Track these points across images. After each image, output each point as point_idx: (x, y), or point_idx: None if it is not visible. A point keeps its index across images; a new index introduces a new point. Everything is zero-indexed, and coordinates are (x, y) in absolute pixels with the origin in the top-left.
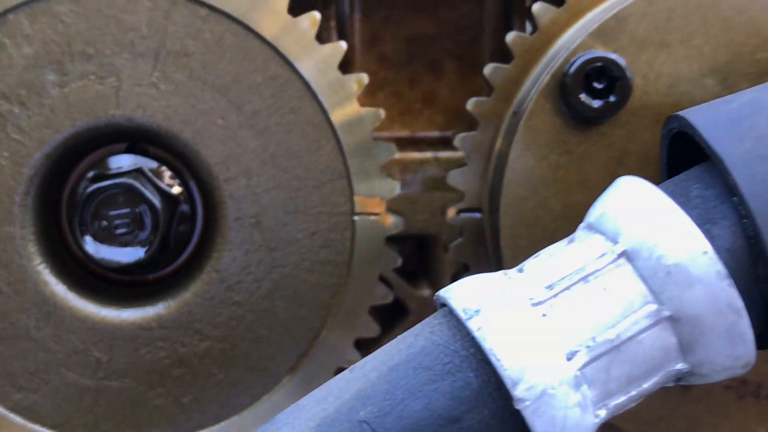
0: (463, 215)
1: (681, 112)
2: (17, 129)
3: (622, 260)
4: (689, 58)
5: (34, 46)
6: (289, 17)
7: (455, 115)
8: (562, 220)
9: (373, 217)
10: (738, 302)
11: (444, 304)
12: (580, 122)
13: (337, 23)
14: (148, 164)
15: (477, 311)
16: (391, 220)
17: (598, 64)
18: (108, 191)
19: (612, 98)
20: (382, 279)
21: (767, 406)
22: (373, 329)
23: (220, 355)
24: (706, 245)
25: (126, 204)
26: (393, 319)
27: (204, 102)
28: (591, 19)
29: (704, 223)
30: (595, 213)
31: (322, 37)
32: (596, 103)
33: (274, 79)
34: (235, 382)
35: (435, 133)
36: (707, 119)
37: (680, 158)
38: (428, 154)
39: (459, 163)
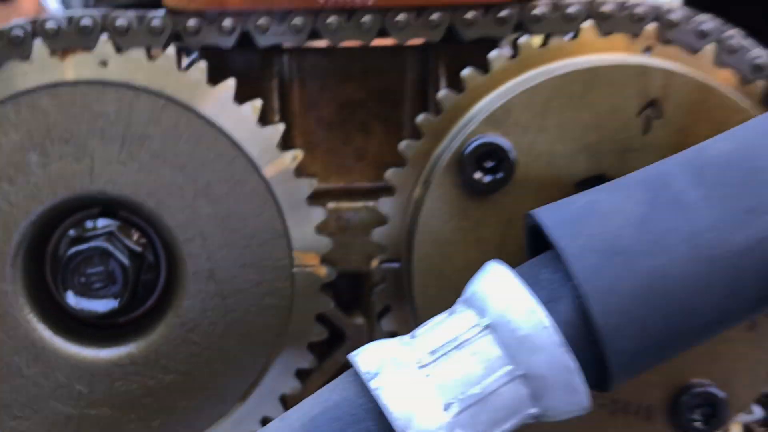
0: (385, 265)
1: (534, 211)
2: (7, 202)
3: (486, 331)
4: (563, 140)
5: (20, 133)
6: (234, 105)
7: (383, 169)
8: (464, 271)
9: (309, 269)
10: (572, 364)
11: (353, 365)
12: (475, 193)
13: (279, 90)
14: (118, 226)
15: (376, 373)
16: (324, 271)
17: (488, 147)
18: (84, 254)
19: (499, 175)
20: (319, 316)
21: (633, 419)
22: (310, 361)
23: (182, 386)
24: (546, 321)
25: (100, 263)
26: (332, 344)
27: (164, 177)
28: (484, 105)
29: (548, 301)
30: (468, 291)
31: (266, 105)
32: (487, 179)
33: (223, 156)
34: (196, 409)
35: (366, 185)
36: (552, 218)
37: (539, 241)
38: (360, 204)
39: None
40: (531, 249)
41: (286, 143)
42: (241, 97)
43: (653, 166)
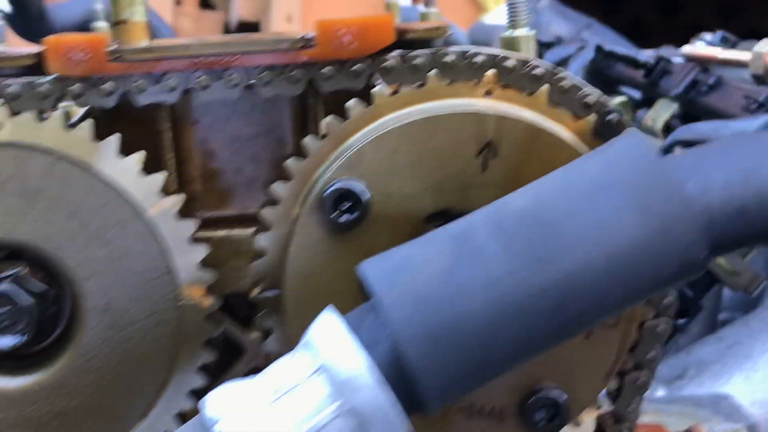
0: (264, 293)
1: (360, 265)
2: None
3: (318, 372)
4: (412, 180)
5: None
6: (119, 157)
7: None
8: (332, 300)
9: (194, 301)
10: (389, 400)
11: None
12: (336, 231)
13: (173, 128)
14: (23, 268)
15: (218, 419)
16: (208, 302)
17: (344, 191)
18: None
19: (355, 214)
20: (208, 341)
21: (490, 421)
22: (203, 381)
23: (87, 409)
24: (366, 362)
25: (7, 303)
26: (231, 357)
27: (59, 224)
28: (342, 151)
29: (369, 345)
30: (308, 334)
31: (159, 143)
32: (344, 219)
33: (111, 203)
34: (101, 428)
35: (255, 210)
36: (373, 272)
37: None
38: (250, 230)
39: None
40: (363, 295)
41: (181, 178)
42: (137, 137)
43: (462, 220)
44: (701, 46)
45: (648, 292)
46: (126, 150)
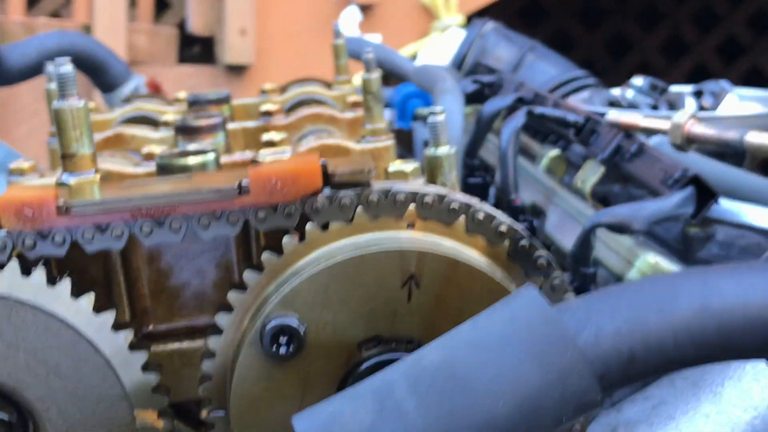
0: (213, 414)
1: (293, 417)
2: None
3: None
4: (344, 311)
5: None
6: (72, 299)
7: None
8: (274, 423)
9: (149, 423)
10: None
11: None
12: (276, 360)
13: (121, 251)
14: None
15: None
16: (162, 424)
17: (281, 327)
18: None
19: (293, 346)
20: None
21: None
22: None
23: None
24: None
25: None
26: None
27: (20, 361)
28: (279, 283)
29: None
30: None
31: (109, 263)
32: (283, 350)
33: (66, 341)
34: None
35: (204, 322)
36: (305, 424)
37: None
38: (200, 341)
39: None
40: None
41: (131, 293)
42: (87, 261)
43: (384, 373)
44: (625, 114)
45: (553, 429)
46: (77, 274)
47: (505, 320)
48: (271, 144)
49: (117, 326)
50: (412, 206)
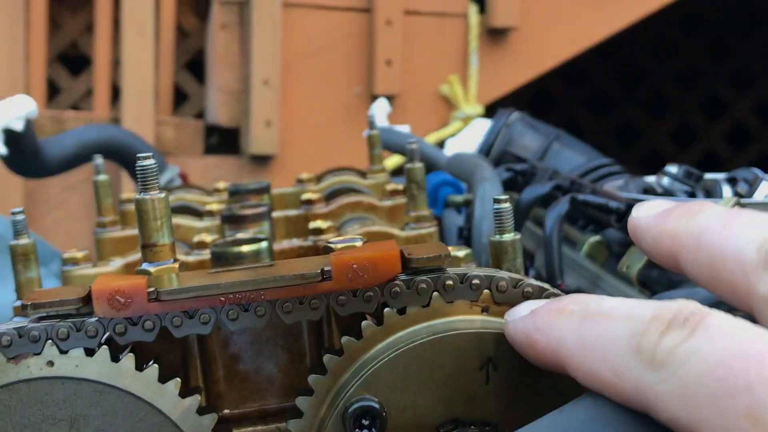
0: None
1: None
2: None
3: None
4: (423, 394)
5: None
6: (159, 384)
7: (291, 391)
8: None
9: None
10: None
11: None
12: None
13: (199, 337)
14: None
15: None
16: None
17: (363, 409)
18: None
19: (374, 429)
20: None
21: None
22: None
23: None
24: None
25: None
26: None
27: None
28: (359, 367)
29: None
30: None
31: (187, 350)
32: None
33: (153, 425)
34: None
35: (277, 406)
36: None
37: None
38: (273, 425)
39: None
40: None
41: (207, 377)
42: (165, 349)
43: None
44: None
45: None
46: (157, 359)
47: (588, 405)
48: (319, 231)
49: (201, 411)
50: (486, 291)
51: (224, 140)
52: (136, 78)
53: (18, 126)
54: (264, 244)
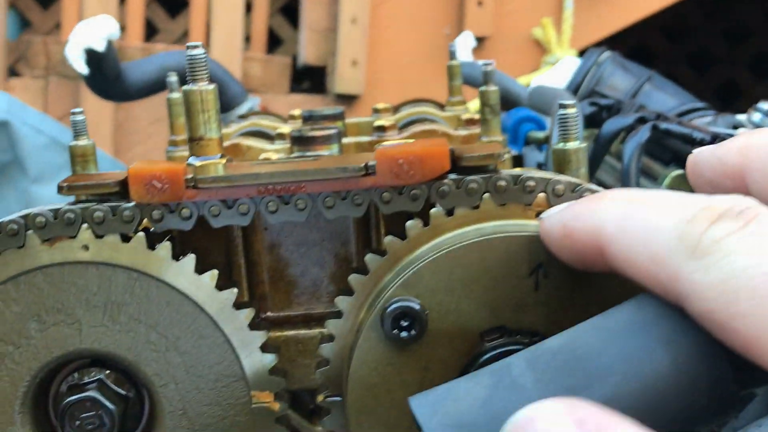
0: (329, 399)
1: (411, 398)
2: (13, 362)
3: None
4: (468, 299)
5: (20, 305)
6: (195, 275)
7: (335, 296)
8: (392, 409)
9: (265, 405)
10: None
11: None
12: (396, 345)
13: (243, 233)
14: (105, 374)
15: None
16: (278, 406)
17: (403, 309)
18: (78, 401)
19: (414, 331)
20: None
21: None
22: None
23: None
24: None
25: (93, 408)
26: None
27: (140, 335)
28: (402, 267)
29: None
30: None
31: (231, 245)
32: (404, 335)
33: (188, 316)
34: None
35: (321, 311)
36: (419, 401)
37: None
38: (316, 330)
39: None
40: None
41: (251, 278)
42: (209, 242)
43: (503, 360)
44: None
45: (678, 427)
46: (199, 254)
47: (631, 309)
48: (382, 128)
49: (238, 305)
50: (541, 195)
51: (315, 86)
52: (226, 13)
53: (100, 46)
54: None
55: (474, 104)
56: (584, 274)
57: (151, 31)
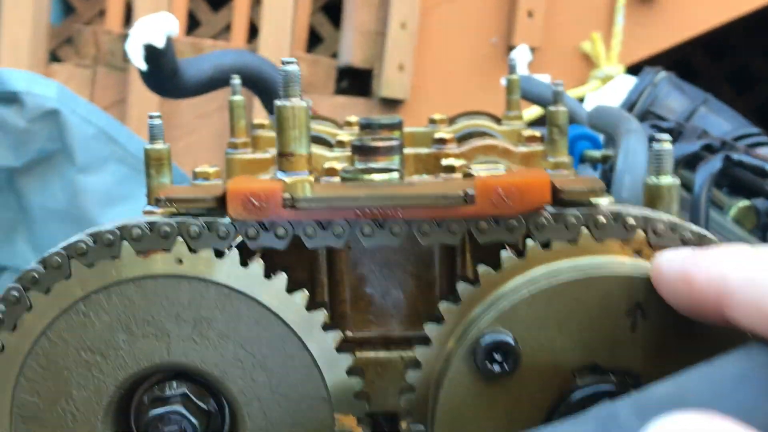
0: (412, 426)
1: None
2: (99, 371)
3: None
4: (562, 335)
5: (110, 315)
6: (286, 294)
7: (416, 320)
8: None
9: (348, 429)
10: None
11: None
12: (487, 379)
13: (327, 252)
14: (189, 387)
15: None
16: (360, 431)
17: (498, 343)
18: (162, 415)
19: (506, 365)
20: None
21: None
22: None
23: None
24: None
25: (176, 422)
26: None
27: (228, 351)
28: (494, 299)
29: None
30: None
31: (315, 265)
32: (497, 369)
33: (277, 334)
34: None
35: (401, 334)
36: None
37: None
38: (396, 353)
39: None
40: None
41: (333, 297)
42: (293, 261)
43: (606, 406)
44: None
45: None
46: (284, 271)
47: (742, 359)
48: (451, 169)
49: (326, 327)
50: (641, 233)
51: (354, 84)
52: (275, 11)
53: (160, 43)
54: (395, 175)
55: (528, 114)
56: (685, 319)
57: (191, 24)
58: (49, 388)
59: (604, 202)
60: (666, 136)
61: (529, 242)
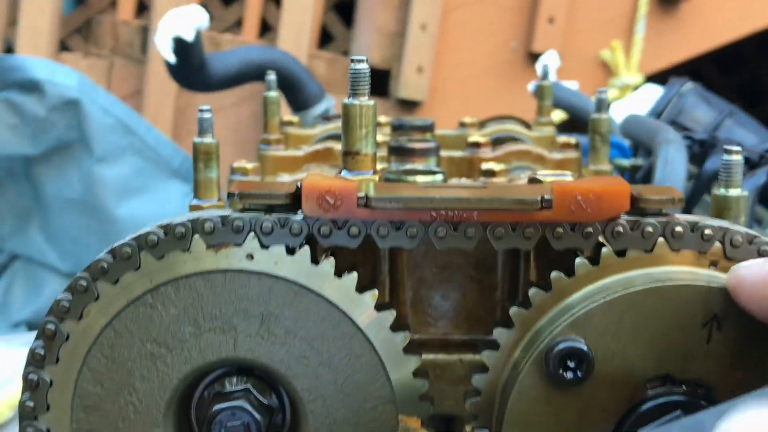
0: (477, 431)
1: None
2: (164, 364)
3: None
4: (635, 344)
5: (178, 308)
6: (356, 294)
7: (476, 323)
8: None
9: (412, 430)
10: None
11: None
12: (558, 386)
13: (390, 253)
14: (252, 383)
15: None
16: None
17: (571, 350)
18: (228, 410)
19: (579, 373)
20: None
21: None
22: None
23: None
24: None
25: (238, 417)
26: None
27: (294, 348)
28: (568, 307)
29: None
30: None
31: (376, 266)
32: (569, 375)
33: (344, 335)
34: None
35: (460, 337)
36: None
37: None
38: (455, 356)
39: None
40: None
41: (394, 298)
42: (356, 261)
43: (693, 417)
44: None
45: None
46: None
47: None
48: (491, 173)
49: (394, 327)
50: (718, 244)
51: (371, 84)
52: (295, 9)
53: (189, 36)
54: (440, 177)
55: (556, 116)
56: (761, 332)
57: None
58: (112, 379)
59: None
60: (737, 148)
61: (605, 250)
